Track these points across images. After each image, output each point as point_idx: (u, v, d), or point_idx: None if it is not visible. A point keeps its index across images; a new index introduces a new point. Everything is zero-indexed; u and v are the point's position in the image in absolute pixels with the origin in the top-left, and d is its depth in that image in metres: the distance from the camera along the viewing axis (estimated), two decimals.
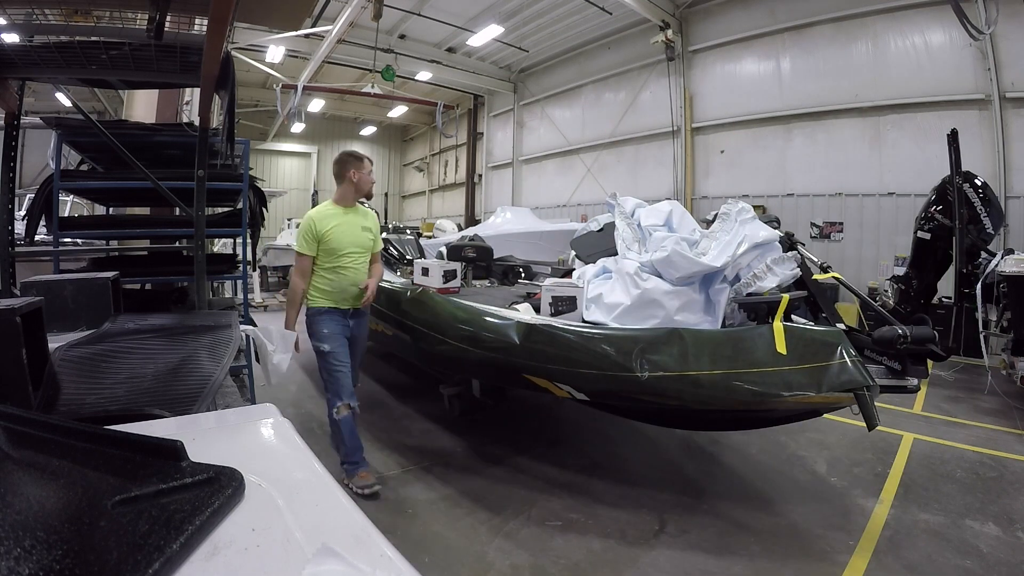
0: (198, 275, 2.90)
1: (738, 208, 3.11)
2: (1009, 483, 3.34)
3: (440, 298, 3.53)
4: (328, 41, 11.44)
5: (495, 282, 5.26)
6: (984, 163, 7.37)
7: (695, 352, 2.41)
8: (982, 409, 4.82)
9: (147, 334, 1.91)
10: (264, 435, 0.93)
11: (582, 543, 2.62)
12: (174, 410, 1.18)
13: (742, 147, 10.60)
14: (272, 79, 13.63)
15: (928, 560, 2.50)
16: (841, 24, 9.11)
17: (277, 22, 3.24)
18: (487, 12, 12.03)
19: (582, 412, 4.23)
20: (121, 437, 0.72)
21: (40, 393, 1.31)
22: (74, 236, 4.58)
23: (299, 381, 5.53)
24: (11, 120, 2.89)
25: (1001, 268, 4.60)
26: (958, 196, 4.97)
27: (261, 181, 5.02)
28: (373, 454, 3.69)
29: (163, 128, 4.00)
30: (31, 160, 5.58)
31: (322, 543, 0.56)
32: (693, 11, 11.18)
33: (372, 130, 22.30)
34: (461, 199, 18.66)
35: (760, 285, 2.77)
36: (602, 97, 13.50)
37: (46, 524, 0.54)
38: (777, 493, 3.16)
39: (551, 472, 3.39)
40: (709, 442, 3.87)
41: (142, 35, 2.22)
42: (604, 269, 3.47)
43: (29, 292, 2.10)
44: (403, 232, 7.04)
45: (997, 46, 7.48)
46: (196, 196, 2.81)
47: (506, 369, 3.00)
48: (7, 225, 2.93)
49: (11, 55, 2.33)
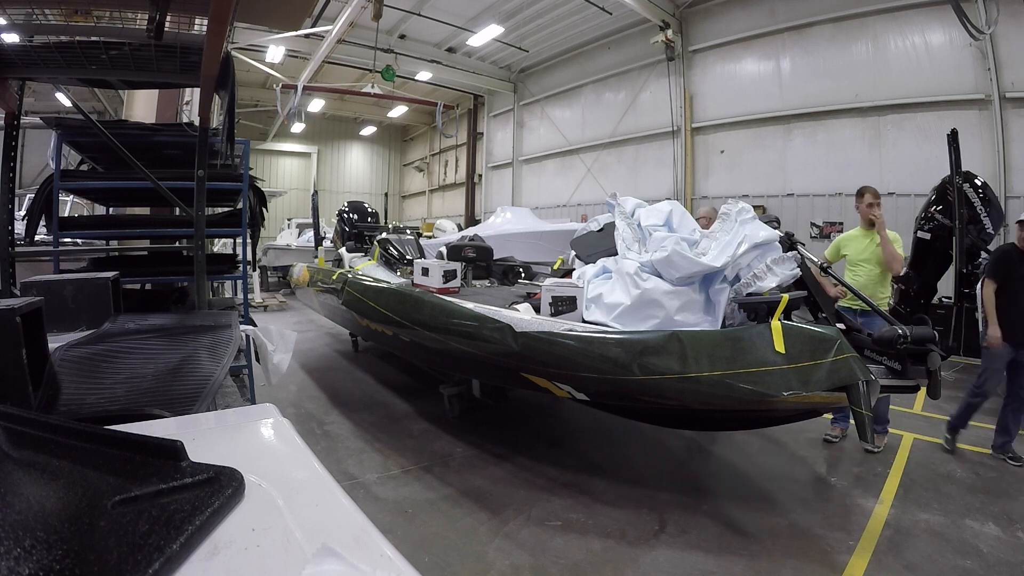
0: (198, 275, 2.90)
1: (738, 208, 3.11)
2: (1009, 483, 3.34)
3: (438, 298, 3.53)
4: (328, 41, 11.45)
5: (495, 282, 5.26)
6: (984, 163, 7.38)
7: (694, 353, 2.41)
8: (982, 409, 4.81)
9: (147, 334, 1.90)
10: (264, 435, 0.93)
11: (582, 543, 2.62)
12: (174, 410, 1.18)
13: (742, 147, 10.60)
14: (272, 79, 13.64)
15: (928, 560, 2.50)
16: (841, 24, 9.11)
17: (277, 22, 3.24)
18: (487, 12, 12.04)
19: (582, 412, 4.24)
20: (121, 437, 0.72)
21: (40, 393, 1.31)
22: (74, 236, 4.58)
23: (299, 381, 5.53)
24: (11, 120, 2.89)
25: None
26: (958, 196, 4.97)
27: (261, 181, 5.02)
28: (373, 454, 3.69)
29: (163, 128, 4.00)
30: (31, 160, 5.58)
31: (322, 543, 0.56)
32: (693, 11, 11.19)
33: (372, 130, 22.32)
34: (461, 199, 18.67)
35: (760, 285, 2.77)
36: (602, 97, 13.50)
37: (46, 524, 0.54)
38: (777, 493, 3.16)
39: (551, 472, 3.39)
40: (709, 442, 3.87)
41: (142, 35, 2.22)
42: (604, 269, 3.47)
43: (29, 292, 2.10)
44: (403, 232, 7.04)
45: (997, 46, 7.48)
46: (196, 196, 2.81)
47: (504, 369, 3.01)
48: (7, 225, 2.93)
49: (11, 55, 2.33)
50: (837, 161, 9.17)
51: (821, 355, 2.31)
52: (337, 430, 4.17)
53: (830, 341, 2.34)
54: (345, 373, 5.94)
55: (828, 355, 2.30)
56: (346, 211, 7.77)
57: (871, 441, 2.21)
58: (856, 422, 2.19)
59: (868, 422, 2.16)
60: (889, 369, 2.70)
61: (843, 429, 3.94)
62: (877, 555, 2.53)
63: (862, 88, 8.84)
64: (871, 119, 8.81)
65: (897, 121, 8.54)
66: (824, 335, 2.38)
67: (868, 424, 2.16)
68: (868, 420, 2.16)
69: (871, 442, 2.26)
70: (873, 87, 8.72)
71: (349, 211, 7.75)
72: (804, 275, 2.91)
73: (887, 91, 8.58)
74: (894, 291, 5.91)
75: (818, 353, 2.31)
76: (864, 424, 2.16)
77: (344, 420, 4.39)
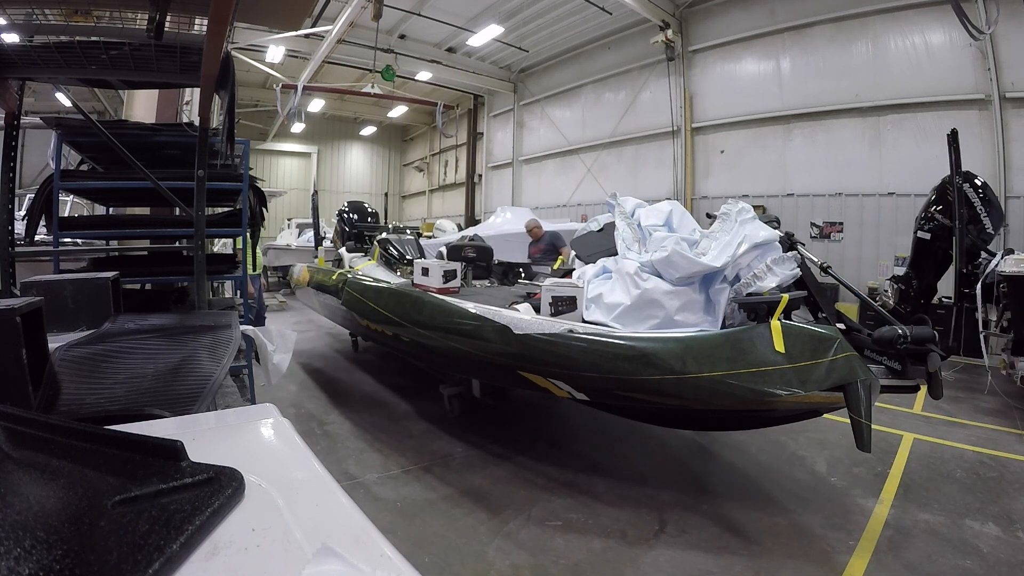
0: (198, 275, 2.90)
1: (738, 208, 3.12)
2: (1009, 483, 3.34)
3: (438, 299, 3.53)
4: (328, 41, 11.45)
5: (495, 282, 5.26)
6: (984, 163, 7.37)
7: (694, 353, 2.42)
8: (982, 409, 4.82)
9: (147, 334, 1.90)
10: (264, 435, 0.93)
11: (582, 543, 2.62)
12: (174, 410, 1.18)
13: (742, 147, 10.60)
14: (272, 79, 13.63)
15: (928, 560, 2.50)
16: (841, 24, 9.11)
17: (277, 22, 3.24)
18: (487, 12, 12.03)
19: (582, 412, 4.24)
20: (121, 437, 0.72)
21: (40, 393, 1.31)
22: (74, 236, 4.57)
23: (299, 381, 5.54)
24: (11, 120, 2.88)
25: (1001, 268, 4.60)
26: (958, 196, 4.96)
27: (261, 181, 5.01)
28: (373, 454, 3.69)
29: (163, 128, 4.00)
30: (31, 160, 5.57)
31: (322, 543, 0.56)
32: (693, 11, 11.18)
33: (372, 130, 22.31)
34: (461, 199, 18.65)
35: (760, 285, 2.77)
36: (602, 97, 13.49)
37: (46, 524, 0.54)
38: (777, 493, 3.16)
39: (551, 472, 3.39)
40: (709, 442, 3.87)
41: (142, 35, 2.22)
42: (604, 269, 3.47)
43: (29, 292, 2.09)
44: (403, 232, 7.04)
45: (997, 46, 7.48)
46: (196, 196, 2.81)
47: (504, 368, 3.01)
48: (7, 225, 2.93)
49: (11, 55, 2.33)
50: (837, 161, 9.16)
51: (821, 354, 2.31)
52: (337, 430, 4.17)
53: (830, 340, 2.34)
54: (345, 373, 5.94)
55: (828, 354, 2.30)
56: (346, 211, 7.77)
57: (870, 450, 2.20)
58: (854, 430, 2.19)
59: (867, 431, 2.16)
60: (889, 369, 2.70)
61: None
62: (877, 555, 2.53)
63: (862, 88, 8.84)
64: (871, 119, 8.81)
65: (897, 121, 8.54)
66: (824, 335, 2.38)
67: (867, 433, 2.16)
68: (867, 429, 2.16)
69: (869, 451, 2.24)
70: (873, 87, 8.72)
71: (349, 211, 7.76)
72: (804, 275, 2.91)
73: (887, 91, 8.58)
74: (894, 291, 5.92)
75: (818, 352, 2.32)
76: (863, 432, 2.16)
77: (344, 420, 4.39)
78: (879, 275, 8.29)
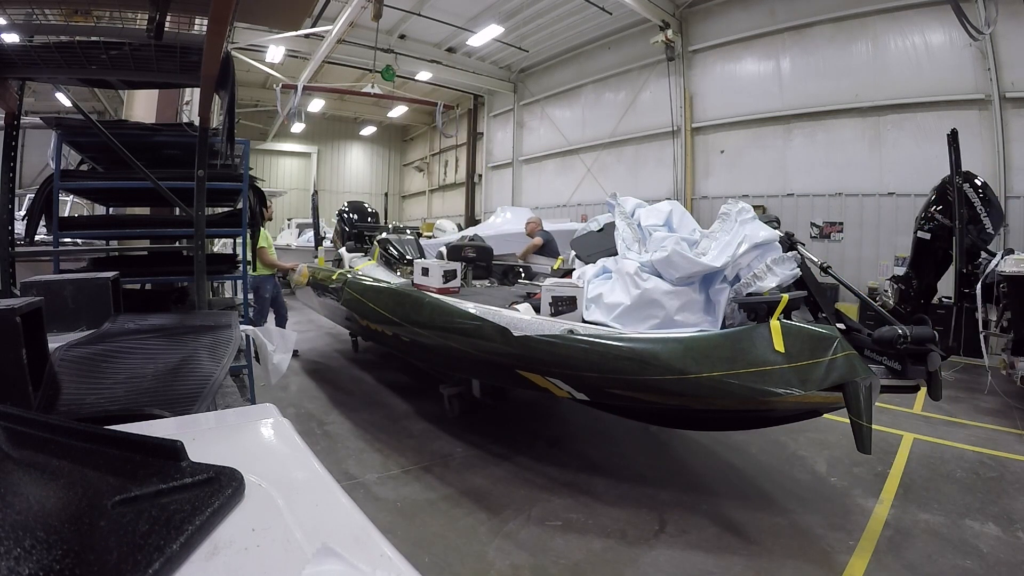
0: (198, 275, 2.90)
1: (738, 208, 3.12)
2: (1009, 483, 3.34)
3: (438, 299, 3.53)
4: (328, 41, 11.45)
5: (495, 282, 5.26)
6: (984, 163, 7.37)
7: (694, 353, 2.42)
8: (982, 409, 4.82)
9: (147, 334, 1.90)
10: (264, 435, 0.93)
11: (582, 543, 2.62)
12: (174, 410, 1.18)
13: (742, 147, 10.60)
14: (272, 79, 13.63)
15: (928, 560, 2.50)
16: (841, 24, 9.11)
17: (277, 22, 3.24)
18: (487, 12, 12.03)
19: (582, 412, 4.24)
20: (121, 437, 0.72)
21: (40, 393, 1.31)
22: (74, 236, 4.57)
23: (299, 381, 5.54)
24: (11, 120, 2.88)
25: (1001, 268, 4.60)
26: (958, 196, 4.96)
27: (261, 181, 5.01)
28: (373, 454, 3.69)
29: (163, 128, 4.00)
30: (31, 160, 5.57)
31: (322, 543, 0.56)
32: (693, 11, 11.19)
33: (372, 130, 22.30)
34: (461, 199, 18.65)
35: (760, 285, 2.77)
36: (602, 97, 13.49)
37: (46, 524, 0.54)
38: (777, 493, 3.16)
39: (551, 472, 3.39)
40: (709, 442, 3.87)
41: (142, 35, 2.22)
42: (604, 269, 3.47)
43: (29, 292, 2.09)
44: (403, 232, 7.04)
45: (997, 46, 7.48)
46: (196, 196, 2.81)
47: (504, 368, 3.01)
48: (7, 225, 2.93)
49: (11, 55, 2.33)
50: (837, 161, 9.16)
51: (820, 354, 2.31)
52: (337, 430, 4.17)
53: (829, 340, 2.34)
54: (345, 373, 5.94)
55: (827, 354, 2.30)
56: (346, 211, 7.77)
57: (869, 451, 2.19)
58: (854, 432, 2.19)
59: (867, 433, 2.16)
60: (889, 369, 2.70)
61: None
62: (877, 555, 2.53)
63: (862, 88, 8.84)
64: (871, 119, 8.81)
65: (897, 121, 8.54)
66: (823, 334, 2.38)
67: (867, 435, 2.15)
68: (867, 431, 2.16)
69: (869, 452, 2.23)
70: (873, 87, 8.72)
71: (349, 211, 7.75)
72: (804, 275, 2.91)
73: (887, 91, 8.58)
74: (894, 291, 5.92)
75: (817, 352, 2.32)
76: (863, 434, 2.16)
77: (344, 420, 4.39)
78: (879, 275, 8.29)
